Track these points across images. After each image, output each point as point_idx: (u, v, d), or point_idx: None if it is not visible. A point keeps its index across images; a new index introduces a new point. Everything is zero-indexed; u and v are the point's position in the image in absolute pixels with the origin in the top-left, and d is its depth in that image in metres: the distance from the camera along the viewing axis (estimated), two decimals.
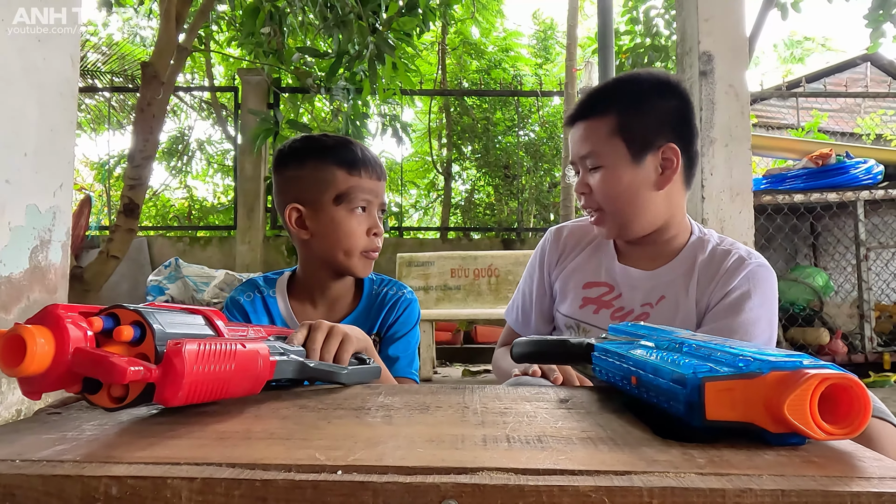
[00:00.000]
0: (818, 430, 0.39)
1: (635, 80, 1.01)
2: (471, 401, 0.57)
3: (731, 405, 0.42)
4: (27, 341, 0.40)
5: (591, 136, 0.99)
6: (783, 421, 0.39)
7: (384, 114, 4.63)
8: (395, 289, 1.10)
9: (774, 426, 0.40)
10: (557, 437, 0.44)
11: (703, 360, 0.46)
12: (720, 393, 0.42)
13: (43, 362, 0.41)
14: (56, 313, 0.43)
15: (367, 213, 1.02)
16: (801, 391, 0.39)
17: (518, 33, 8.79)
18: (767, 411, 0.40)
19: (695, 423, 0.42)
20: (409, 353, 1.07)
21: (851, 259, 3.53)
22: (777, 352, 0.45)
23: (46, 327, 0.42)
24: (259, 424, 0.48)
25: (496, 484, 0.34)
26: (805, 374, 0.39)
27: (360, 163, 1.00)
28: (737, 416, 0.42)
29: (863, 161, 3.37)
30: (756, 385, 0.41)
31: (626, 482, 0.34)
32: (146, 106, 3.44)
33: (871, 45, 3.98)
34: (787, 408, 0.39)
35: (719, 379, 0.42)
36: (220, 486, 0.35)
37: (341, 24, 3.40)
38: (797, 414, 0.39)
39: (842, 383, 0.39)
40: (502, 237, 5.75)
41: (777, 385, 0.40)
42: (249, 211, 5.22)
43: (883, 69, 9.05)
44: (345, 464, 0.37)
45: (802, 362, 0.41)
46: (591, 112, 1.00)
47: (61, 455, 0.39)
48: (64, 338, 0.42)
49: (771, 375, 0.40)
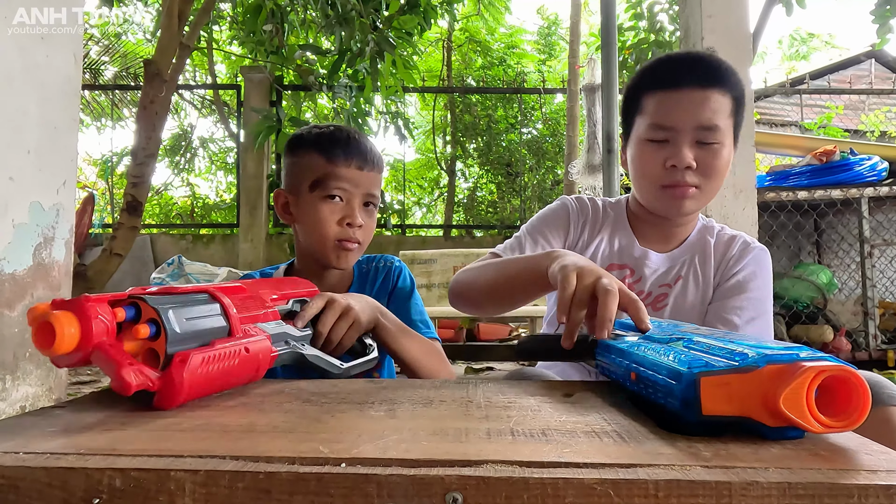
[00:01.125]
0: (815, 422, 0.39)
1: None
2: (474, 395, 0.56)
3: (728, 400, 0.41)
4: (56, 329, 0.46)
5: (717, 109, 0.91)
6: (779, 414, 0.39)
7: (387, 111, 4.63)
8: (383, 261, 1.12)
9: (772, 420, 0.40)
10: (562, 430, 0.43)
11: (701, 355, 0.45)
12: (716, 388, 0.41)
13: (70, 345, 0.46)
14: (85, 306, 0.47)
15: (345, 202, 0.99)
16: (797, 384, 0.38)
17: (522, 30, 8.77)
18: (764, 405, 0.40)
19: (691, 418, 0.42)
20: (421, 317, 1.06)
21: (855, 256, 3.51)
22: (775, 344, 0.44)
23: (75, 316, 0.47)
24: (263, 418, 0.47)
25: (500, 477, 0.34)
26: (801, 367, 0.39)
27: (342, 150, 0.98)
28: (733, 410, 0.41)
29: (867, 158, 3.35)
30: (752, 379, 0.40)
31: (631, 475, 0.34)
32: (149, 104, 3.44)
33: (878, 41, 3.96)
34: (783, 401, 0.38)
35: (715, 373, 0.41)
36: (223, 478, 0.34)
37: (343, 22, 3.39)
38: (793, 407, 0.38)
39: (839, 375, 0.39)
40: (505, 235, 5.75)
41: (773, 378, 0.39)
42: (252, 208, 5.23)
43: (887, 66, 9.01)
44: (349, 456, 0.37)
45: (799, 355, 0.41)
46: (721, 82, 0.91)
47: (65, 448, 0.39)
48: (88, 329, 0.47)
49: (767, 369, 0.40)
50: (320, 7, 3.56)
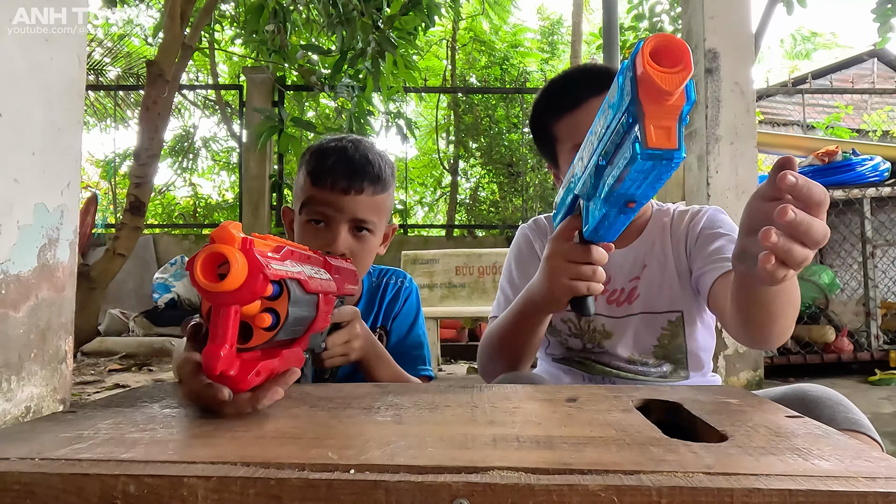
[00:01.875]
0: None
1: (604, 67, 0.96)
2: (479, 400, 0.57)
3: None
4: (231, 264, 0.43)
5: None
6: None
7: (389, 111, 4.63)
8: (395, 278, 1.10)
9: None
10: (566, 436, 0.44)
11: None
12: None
13: (237, 283, 0.43)
14: (257, 265, 0.45)
15: (328, 227, 0.92)
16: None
17: (526, 28, 8.77)
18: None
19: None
20: (420, 349, 1.06)
21: (858, 256, 3.51)
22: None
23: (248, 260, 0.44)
24: (271, 423, 0.48)
25: (506, 483, 0.35)
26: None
27: (326, 174, 0.91)
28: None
29: (869, 158, 3.35)
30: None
31: (635, 482, 0.35)
32: (151, 104, 3.45)
33: (879, 39, 3.95)
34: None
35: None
36: (235, 484, 0.35)
37: (345, 22, 3.40)
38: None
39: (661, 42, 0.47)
40: (507, 235, 5.75)
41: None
42: (254, 208, 5.24)
43: (890, 65, 8.99)
44: (357, 463, 0.37)
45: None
46: (603, 86, 0.86)
47: (79, 454, 0.40)
48: (256, 265, 0.45)
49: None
50: (322, 7, 3.56)
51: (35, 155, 1.58)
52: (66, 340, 1.60)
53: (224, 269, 0.43)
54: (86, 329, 3.88)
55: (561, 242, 0.73)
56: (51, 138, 1.66)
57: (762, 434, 0.45)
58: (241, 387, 0.48)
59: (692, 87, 0.50)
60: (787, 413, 0.53)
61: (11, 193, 1.51)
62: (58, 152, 1.65)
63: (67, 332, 1.58)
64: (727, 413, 0.52)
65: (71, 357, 1.64)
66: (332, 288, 0.62)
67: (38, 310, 1.54)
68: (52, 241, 1.63)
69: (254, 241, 0.46)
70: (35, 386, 1.61)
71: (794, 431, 0.46)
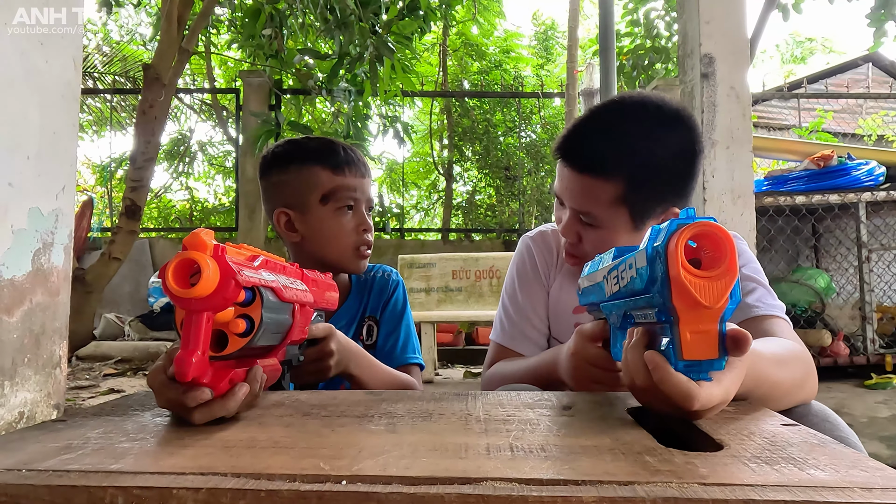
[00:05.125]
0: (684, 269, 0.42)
1: (648, 134, 0.86)
2: (473, 408, 0.57)
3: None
4: (203, 270, 0.43)
5: (592, 197, 0.88)
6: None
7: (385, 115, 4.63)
8: (381, 271, 1.14)
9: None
10: (560, 445, 0.44)
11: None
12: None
13: (208, 290, 0.44)
14: (229, 271, 0.45)
15: (355, 210, 1.03)
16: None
17: (518, 34, 8.79)
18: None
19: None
20: (408, 337, 1.09)
21: (853, 261, 3.52)
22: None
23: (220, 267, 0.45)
24: (263, 432, 0.48)
25: (500, 495, 0.34)
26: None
27: (344, 162, 1.01)
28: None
29: (864, 163, 3.36)
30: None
31: (629, 493, 0.34)
32: (148, 108, 3.45)
33: (873, 44, 3.98)
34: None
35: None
36: (225, 496, 0.35)
37: (342, 26, 3.40)
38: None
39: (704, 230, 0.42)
40: (503, 238, 5.75)
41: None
42: (251, 212, 5.23)
43: (884, 70, 9.04)
44: (349, 473, 0.37)
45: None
46: (598, 171, 0.86)
47: (67, 465, 0.39)
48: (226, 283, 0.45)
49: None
50: (319, 11, 3.56)
51: (30, 159, 1.58)
52: (60, 345, 1.59)
53: (197, 277, 0.43)
54: (81, 333, 3.86)
55: (587, 344, 0.70)
56: (46, 142, 1.65)
57: (758, 443, 0.45)
58: (215, 395, 0.48)
59: (738, 288, 0.43)
60: (783, 421, 0.53)
61: (5, 197, 1.50)
62: (53, 156, 1.65)
63: (62, 336, 1.58)
64: (723, 420, 0.52)
65: (65, 362, 1.63)
66: (308, 299, 0.63)
67: (33, 314, 1.53)
68: (46, 245, 1.62)
69: (226, 248, 0.46)
70: (29, 391, 1.60)
71: (789, 440, 0.46)
